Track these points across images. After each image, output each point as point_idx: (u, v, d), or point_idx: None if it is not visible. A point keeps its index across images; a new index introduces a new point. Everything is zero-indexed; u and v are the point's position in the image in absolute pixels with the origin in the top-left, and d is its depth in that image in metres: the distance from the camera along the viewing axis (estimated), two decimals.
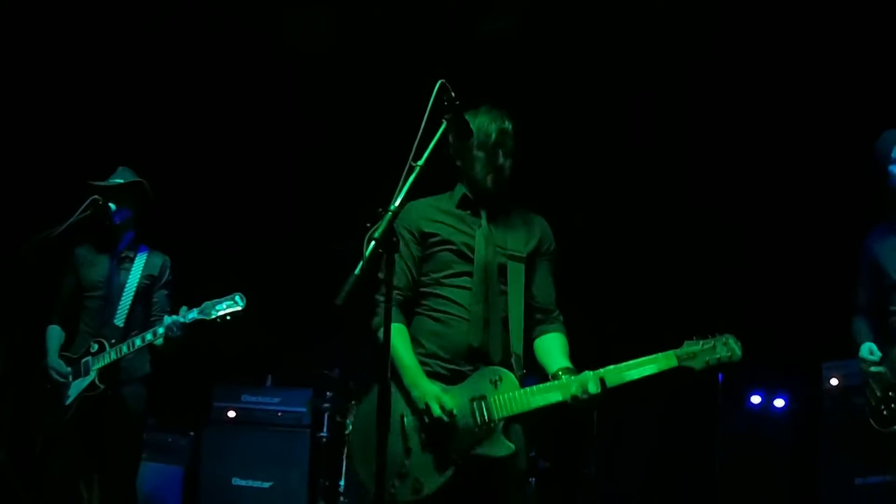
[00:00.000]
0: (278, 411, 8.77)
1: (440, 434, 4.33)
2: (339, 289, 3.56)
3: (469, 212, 4.68)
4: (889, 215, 5.75)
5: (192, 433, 8.96)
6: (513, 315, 4.57)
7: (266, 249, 9.48)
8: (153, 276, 6.75)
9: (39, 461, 6.48)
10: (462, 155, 4.67)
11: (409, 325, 4.60)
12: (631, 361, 4.37)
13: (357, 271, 3.59)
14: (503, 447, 4.31)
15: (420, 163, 3.87)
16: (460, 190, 4.73)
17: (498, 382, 4.39)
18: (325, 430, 8.29)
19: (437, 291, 4.58)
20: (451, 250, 4.57)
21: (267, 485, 8.58)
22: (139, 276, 6.67)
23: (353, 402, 7.84)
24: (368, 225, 3.68)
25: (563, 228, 4.96)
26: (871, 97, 7.61)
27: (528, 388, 4.38)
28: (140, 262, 6.73)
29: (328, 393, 8.37)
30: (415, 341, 4.55)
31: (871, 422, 5.54)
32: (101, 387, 6.36)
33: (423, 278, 4.63)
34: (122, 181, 6.62)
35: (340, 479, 7.97)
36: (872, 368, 5.51)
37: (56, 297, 6.79)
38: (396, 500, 4.26)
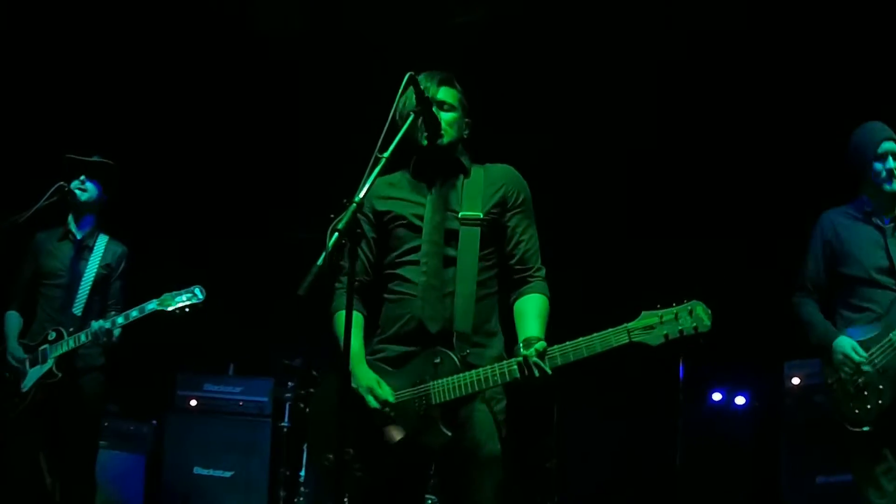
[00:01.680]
0: (240, 400, 8.77)
1: (379, 423, 4.17)
2: (301, 279, 3.54)
3: (423, 181, 4.47)
4: (863, 202, 5.62)
5: (154, 421, 8.93)
6: (460, 286, 4.26)
7: (228, 238, 9.44)
8: (110, 265, 6.78)
9: None
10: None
11: (370, 309, 4.50)
12: (579, 339, 3.96)
13: (320, 262, 3.56)
14: (439, 435, 4.07)
15: (386, 154, 3.83)
16: (413, 159, 4.54)
17: (438, 366, 4.13)
18: (286, 419, 8.31)
19: (396, 272, 4.40)
20: (402, 225, 4.40)
21: (228, 474, 8.57)
22: (97, 265, 6.70)
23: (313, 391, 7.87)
24: (332, 216, 3.64)
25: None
26: (823, 100, 7.66)
27: (466, 373, 4.06)
28: (99, 250, 6.76)
29: (290, 382, 8.38)
30: (378, 328, 4.45)
31: (842, 419, 5.30)
32: (59, 375, 6.38)
33: (384, 261, 4.48)
34: (97, 159, 6.69)
35: (301, 469, 7.99)
36: (864, 367, 5.23)
37: (15, 283, 6.81)
38: (360, 483, 4.15)
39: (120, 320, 6.32)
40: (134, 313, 6.32)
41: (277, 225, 9.21)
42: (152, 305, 6.28)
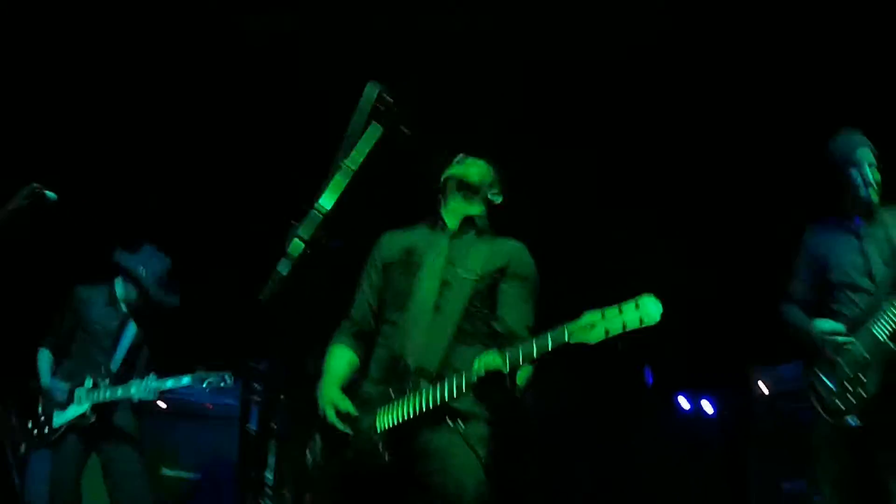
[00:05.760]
0: (208, 403, 8.74)
1: (340, 441, 4.12)
2: (265, 283, 3.50)
3: (438, 230, 4.49)
4: (842, 213, 5.49)
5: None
6: (438, 324, 4.19)
7: (196, 240, 9.38)
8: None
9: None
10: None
11: (366, 354, 4.43)
12: (518, 345, 3.75)
13: (284, 271, 3.50)
14: (377, 457, 3.98)
15: (349, 163, 3.70)
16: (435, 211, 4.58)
17: (394, 399, 4.05)
18: (253, 422, 8.29)
19: (389, 318, 4.37)
20: (402, 273, 4.40)
21: (196, 476, 8.54)
22: (136, 329, 6.99)
23: (282, 397, 7.87)
24: (293, 221, 3.60)
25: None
26: (788, 109, 7.64)
27: (409, 396, 3.97)
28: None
29: (257, 386, 8.36)
30: (368, 369, 4.40)
31: (822, 413, 5.08)
32: (92, 418, 6.59)
33: (384, 307, 4.46)
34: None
35: (268, 471, 7.97)
36: (840, 339, 5.06)
37: (52, 329, 7.00)
38: None
39: (155, 385, 6.57)
40: (169, 383, 6.60)
41: (244, 224, 9.17)
42: (186, 380, 6.65)
